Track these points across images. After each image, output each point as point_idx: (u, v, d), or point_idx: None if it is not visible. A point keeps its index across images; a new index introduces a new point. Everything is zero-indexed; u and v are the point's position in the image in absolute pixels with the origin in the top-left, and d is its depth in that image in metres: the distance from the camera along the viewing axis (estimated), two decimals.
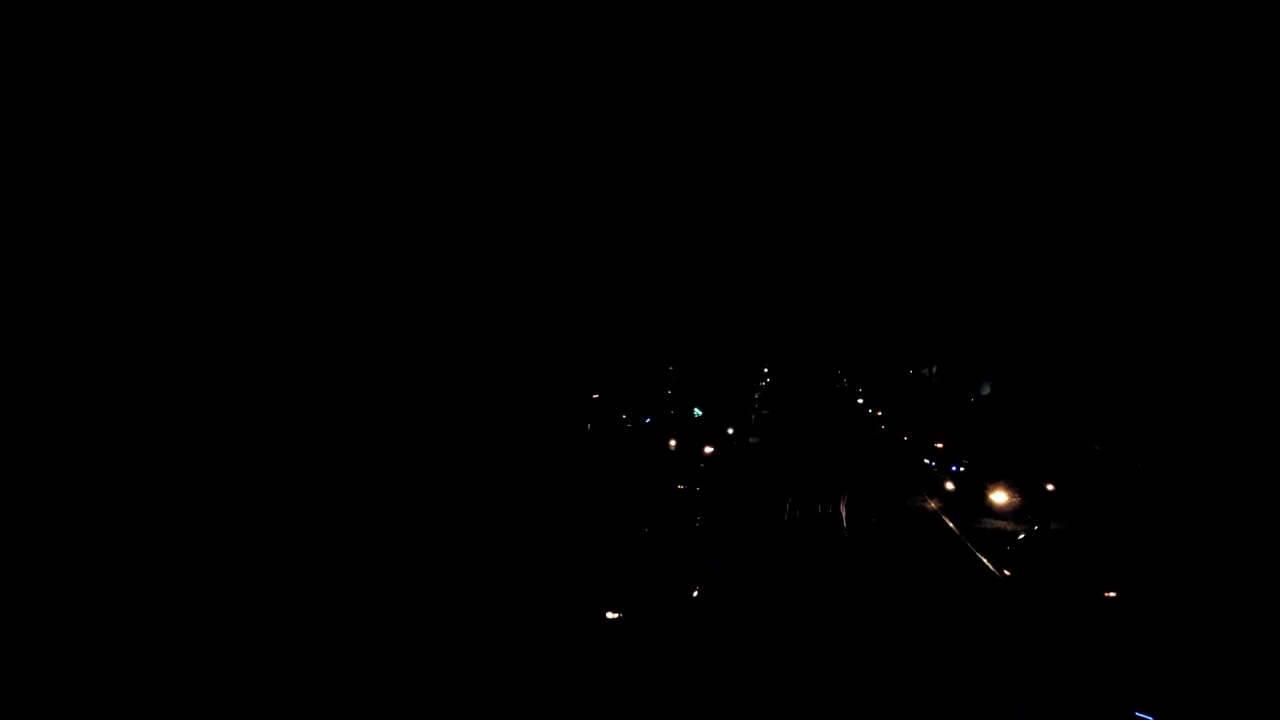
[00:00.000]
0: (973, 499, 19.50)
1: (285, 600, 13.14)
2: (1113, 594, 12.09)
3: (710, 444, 26.62)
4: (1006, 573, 13.32)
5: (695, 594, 12.38)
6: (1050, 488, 18.81)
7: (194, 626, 11.61)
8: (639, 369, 43.54)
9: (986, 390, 41.77)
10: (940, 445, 24.79)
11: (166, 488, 16.53)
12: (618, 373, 40.04)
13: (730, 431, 30.69)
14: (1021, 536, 14.32)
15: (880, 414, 36.21)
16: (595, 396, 35.23)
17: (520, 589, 12.99)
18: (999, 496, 18.79)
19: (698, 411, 33.26)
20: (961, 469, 22.03)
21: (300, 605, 12.90)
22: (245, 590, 13.41)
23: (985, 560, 15.24)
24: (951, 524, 18.57)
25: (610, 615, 11.55)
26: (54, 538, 12.45)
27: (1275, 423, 21.38)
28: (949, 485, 21.34)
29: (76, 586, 11.81)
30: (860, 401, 42.91)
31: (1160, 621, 11.86)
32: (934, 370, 51.33)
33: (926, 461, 24.81)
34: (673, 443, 26.22)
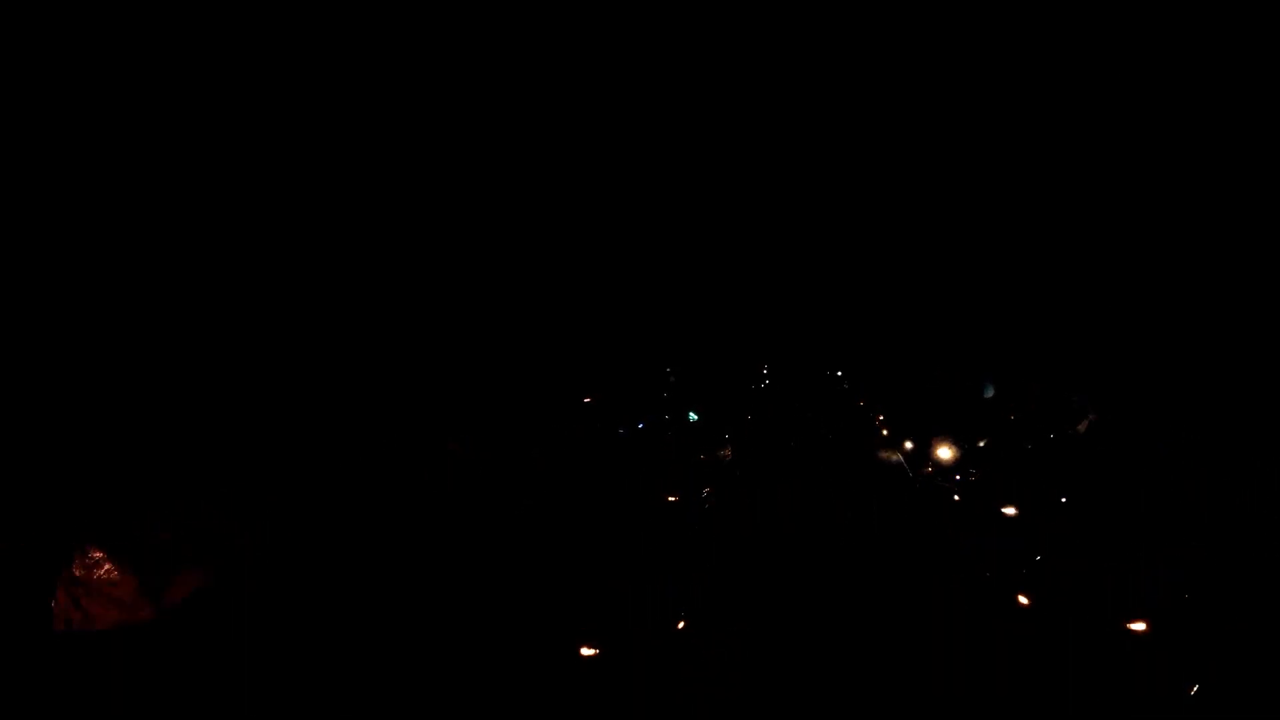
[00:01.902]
0: (982, 512, 18.39)
1: (280, 600, 13.11)
2: (1141, 625, 11.03)
3: (705, 451, 25.50)
4: (1024, 600, 12.23)
5: (681, 625, 11.29)
6: (1064, 500, 17.73)
7: (192, 623, 12.12)
8: (635, 371, 42.55)
9: (990, 392, 40.72)
10: (946, 453, 23.64)
11: (165, 487, 16.51)
12: (612, 375, 39.05)
13: (727, 436, 29.60)
14: (1038, 558, 13.20)
15: (882, 418, 35.13)
16: (586, 400, 34.22)
17: (486, 613, 11.98)
18: (1010, 510, 17.69)
19: (693, 416, 32.25)
20: (969, 479, 20.89)
21: (294, 606, 12.82)
22: (243, 588, 13.45)
23: (998, 583, 14.20)
24: (960, 540, 17.48)
25: (585, 652, 10.48)
26: (56, 535, 12.83)
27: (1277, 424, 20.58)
28: (954, 497, 20.18)
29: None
30: (861, 404, 41.86)
31: (1192, 657, 10.83)
32: (938, 373, 50.26)
33: (930, 469, 23.67)
34: (665, 450, 25.09)
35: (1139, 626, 11.20)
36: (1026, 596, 12.50)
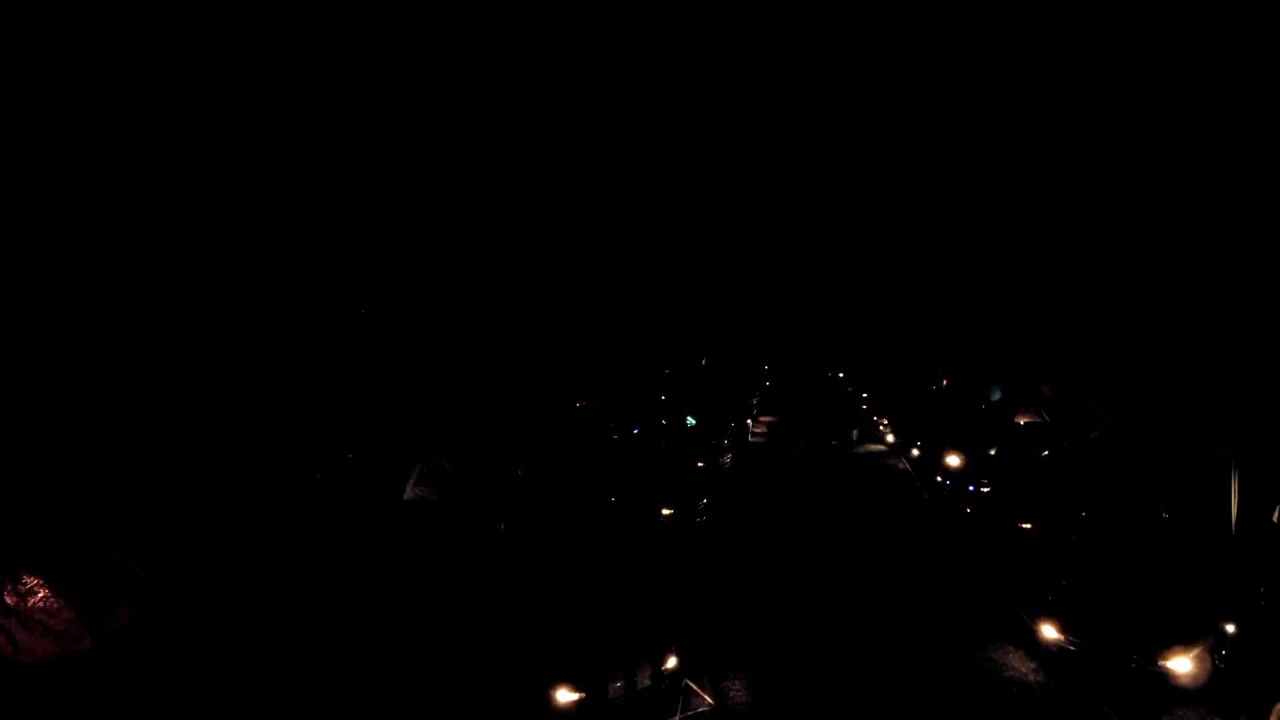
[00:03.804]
0: (997, 528, 17.25)
1: (276, 601, 12.92)
2: (1185, 665, 9.92)
3: (703, 458, 24.36)
4: (1049, 631, 11.10)
5: (672, 663, 10.17)
6: (1084, 514, 16.57)
7: (139, 656, 11.36)
8: (632, 373, 41.44)
9: (997, 396, 39.54)
10: (955, 461, 22.50)
11: (165, 488, 15.91)
12: (609, 378, 37.92)
13: (726, 443, 28.43)
14: (1064, 583, 12.07)
15: (886, 423, 33.92)
16: (580, 404, 33.09)
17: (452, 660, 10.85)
18: (1024, 526, 16.54)
19: (691, 420, 31.00)
20: (981, 490, 19.73)
21: (290, 607, 12.67)
22: (239, 589, 13.21)
23: (1019, 610, 13.07)
24: (972, 558, 16.38)
25: (563, 699, 9.36)
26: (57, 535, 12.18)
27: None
28: (967, 510, 19.05)
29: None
30: (865, 408, 40.65)
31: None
32: (943, 383, 49.06)
33: (939, 480, 22.51)
34: (661, 457, 23.94)
35: (1181, 665, 10.10)
36: (1052, 626, 11.43)
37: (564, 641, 10.24)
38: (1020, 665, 11.12)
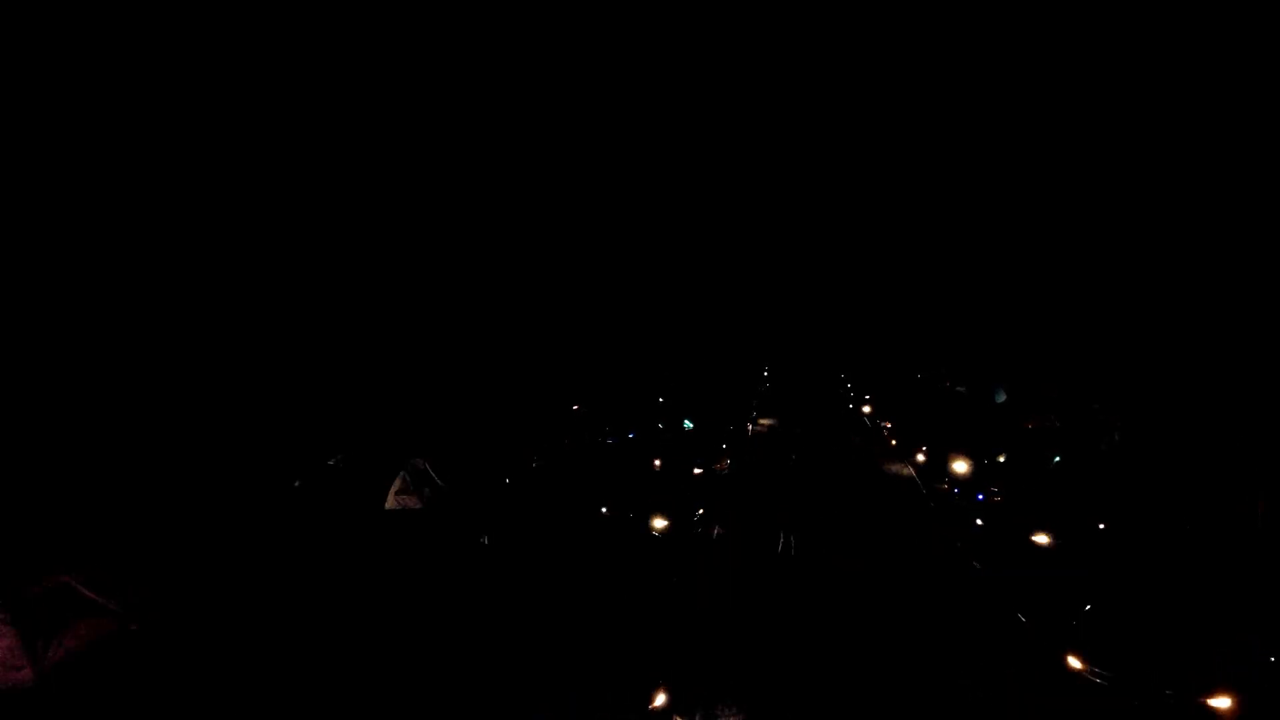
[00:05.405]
0: (1007, 538, 16.38)
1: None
2: (1225, 703, 9.03)
3: (700, 465, 23.48)
4: (1075, 664, 10.19)
5: (662, 700, 9.29)
6: (1101, 527, 15.71)
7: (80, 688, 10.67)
8: (629, 376, 40.57)
9: (1001, 398, 38.68)
10: (963, 468, 21.63)
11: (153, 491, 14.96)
12: (605, 380, 37.05)
13: (724, 447, 27.57)
14: (1088, 608, 11.16)
15: (889, 426, 33.03)
16: (575, 408, 32.22)
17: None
18: (1040, 539, 15.65)
19: (688, 424, 30.10)
20: (990, 498, 18.86)
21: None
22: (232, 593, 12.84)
23: (1033, 629, 12.18)
24: (982, 570, 15.49)
25: None
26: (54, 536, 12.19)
27: None
28: (976, 520, 18.17)
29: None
30: (867, 410, 39.81)
31: None
32: (942, 375, 48.15)
33: (946, 487, 21.65)
34: (657, 463, 23.08)
35: (1221, 702, 9.23)
36: (1078, 658, 10.52)
37: (545, 673, 9.36)
38: (1040, 690, 10.21)
